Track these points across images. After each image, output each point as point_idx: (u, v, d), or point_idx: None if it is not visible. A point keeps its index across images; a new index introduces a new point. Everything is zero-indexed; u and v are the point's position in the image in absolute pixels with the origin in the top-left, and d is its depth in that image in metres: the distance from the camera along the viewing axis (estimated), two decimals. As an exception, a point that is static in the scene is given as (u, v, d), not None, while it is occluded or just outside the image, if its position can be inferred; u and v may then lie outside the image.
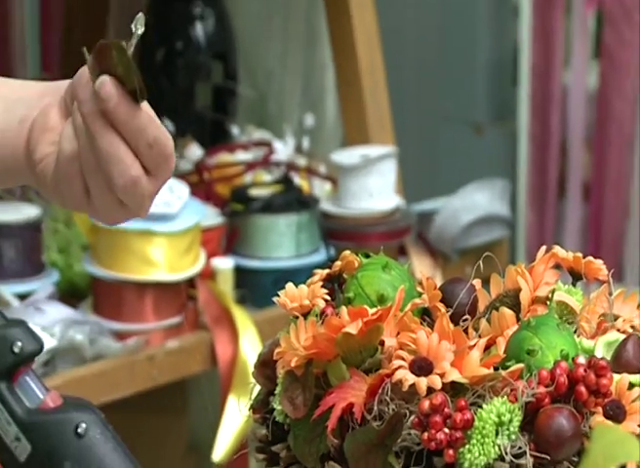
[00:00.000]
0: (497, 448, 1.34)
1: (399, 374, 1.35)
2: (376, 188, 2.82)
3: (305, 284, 1.48)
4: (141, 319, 2.63)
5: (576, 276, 1.53)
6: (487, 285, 1.52)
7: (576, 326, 1.46)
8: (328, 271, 1.51)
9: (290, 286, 1.48)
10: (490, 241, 3.03)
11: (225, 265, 2.70)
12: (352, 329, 1.37)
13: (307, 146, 3.03)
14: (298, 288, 1.47)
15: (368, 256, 1.50)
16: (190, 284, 2.67)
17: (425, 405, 1.33)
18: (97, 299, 2.66)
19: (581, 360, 1.36)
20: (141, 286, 2.63)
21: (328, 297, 1.46)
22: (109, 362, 2.55)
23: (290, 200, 2.79)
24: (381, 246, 1.55)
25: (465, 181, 3.11)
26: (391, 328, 1.40)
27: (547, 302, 1.48)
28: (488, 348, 1.41)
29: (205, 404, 2.87)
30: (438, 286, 1.48)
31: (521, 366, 1.38)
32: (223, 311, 2.65)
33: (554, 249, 1.51)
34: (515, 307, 1.47)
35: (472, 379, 1.36)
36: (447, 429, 1.33)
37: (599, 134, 3.60)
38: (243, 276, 2.73)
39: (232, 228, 2.77)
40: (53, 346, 2.45)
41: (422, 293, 1.47)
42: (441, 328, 1.38)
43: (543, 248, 1.51)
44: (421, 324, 1.42)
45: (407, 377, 1.35)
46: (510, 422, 1.34)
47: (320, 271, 1.50)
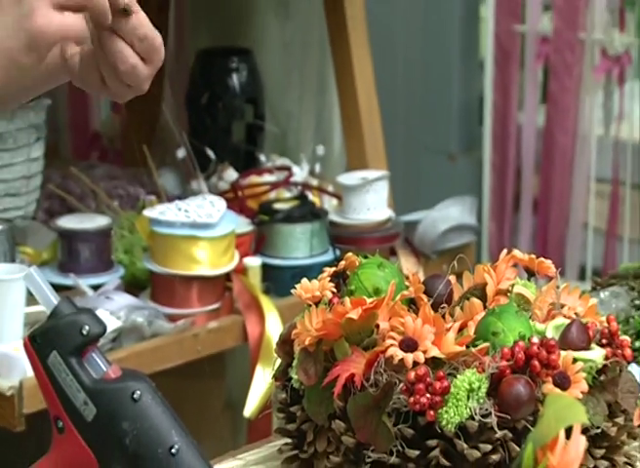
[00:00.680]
0: (468, 410, 1.33)
1: (391, 351, 1.35)
2: (372, 203, 2.81)
3: (317, 279, 1.47)
4: (189, 305, 2.61)
5: (530, 273, 1.53)
6: (460, 280, 1.51)
7: (530, 312, 1.45)
8: (334, 269, 1.50)
9: (304, 280, 1.46)
10: (461, 245, 3.02)
11: (254, 263, 2.68)
12: (354, 314, 1.37)
13: (319, 170, 3.01)
14: (310, 282, 1.46)
15: (366, 257, 1.49)
16: (227, 277, 2.65)
17: (411, 375, 1.33)
18: (154, 290, 2.64)
19: (535, 340, 1.36)
20: (189, 279, 2.60)
21: (334, 290, 1.45)
22: (163, 339, 2.53)
23: (305, 212, 2.78)
24: (377, 248, 1.53)
25: (442, 198, 3.09)
26: (384, 314, 1.39)
27: (508, 294, 1.47)
28: (461, 330, 1.40)
29: (238, 372, 2.84)
30: (421, 280, 1.47)
31: (487, 344, 1.38)
32: (253, 299, 2.63)
33: (513, 251, 1.51)
34: (482, 298, 1.46)
35: (449, 355, 1.36)
36: (428, 394, 1.33)
37: (545, 161, 3.57)
38: (268, 272, 2.70)
39: (260, 234, 2.75)
40: (119, 326, 2.44)
41: (409, 287, 1.46)
42: (424, 314, 1.38)
43: (505, 251, 1.52)
44: (409, 311, 1.41)
45: (397, 353, 1.35)
46: (479, 389, 1.34)
47: (328, 269, 1.50)
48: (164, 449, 1.11)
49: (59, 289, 2.47)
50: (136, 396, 1.12)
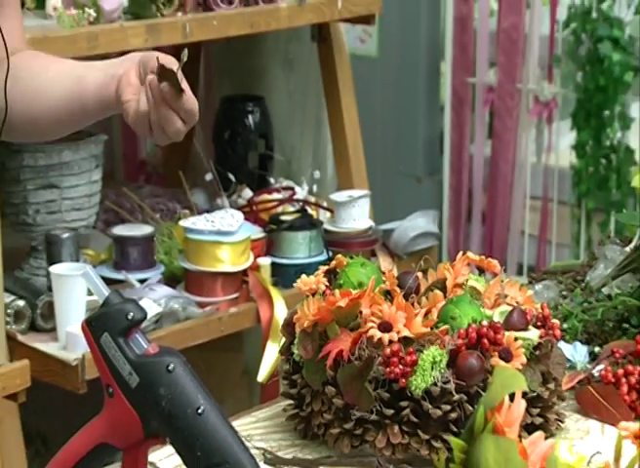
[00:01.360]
0: (432, 378, 1.33)
1: (371, 332, 1.35)
2: (357, 215, 2.80)
3: (313, 275, 1.46)
4: (214, 295, 2.58)
5: (480, 270, 1.52)
6: (425, 275, 1.49)
7: (481, 301, 1.45)
8: (327, 267, 1.48)
9: (304, 276, 1.45)
10: (426, 248, 3.01)
11: (265, 262, 2.66)
12: (342, 303, 1.36)
13: (315, 190, 3.01)
14: (308, 277, 1.45)
15: (352, 258, 1.48)
16: (244, 273, 2.63)
17: (387, 351, 1.33)
18: (187, 283, 2.62)
19: (485, 323, 1.36)
20: (214, 274, 2.58)
21: (327, 283, 1.44)
22: (194, 321, 2.51)
23: (305, 222, 2.76)
24: (360, 251, 1.51)
25: (411, 211, 3.08)
26: (366, 302, 1.38)
27: (463, 287, 1.46)
28: (426, 315, 1.40)
29: (253, 347, 2.83)
30: (395, 276, 1.46)
31: (447, 326, 1.38)
32: (264, 290, 2.61)
33: (467, 253, 1.49)
34: (443, 290, 1.45)
35: (417, 335, 1.35)
36: (401, 366, 1.33)
37: (491, 183, 3.57)
38: (276, 269, 2.68)
39: (269, 240, 2.74)
40: (159, 312, 2.43)
41: (385, 281, 1.44)
42: (397, 302, 1.37)
43: (460, 253, 1.52)
44: (385, 300, 1.39)
45: (376, 333, 1.34)
46: (440, 362, 1.34)
47: (322, 267, 1.48)
48: (192, 410, 1.10)
49: (113, 282, 2.50)
50: (170, 368, 1.11)
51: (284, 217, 2.78)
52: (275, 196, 2.91)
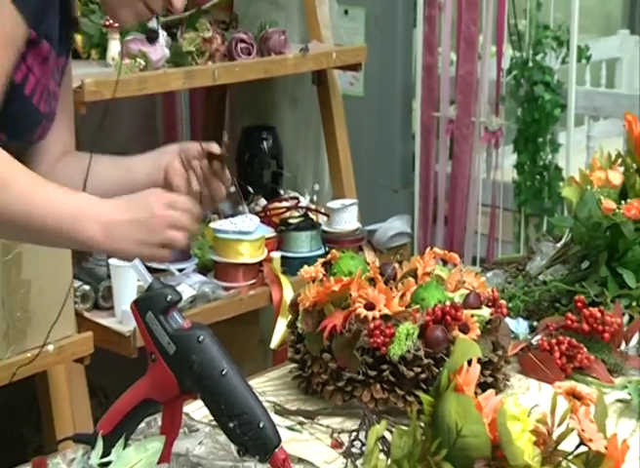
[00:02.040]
0: (406, 347, 1.32)
1: (358, 310, 1.34)
2: (347, 219, 2.79)
3: (313, 265, 1.44)
4: (236, 281, 2.55)
5: (444, 262, 1.51)
6: (401, 266, 1.47)
7: (444, 286, 1.43)
8: (324, 259, 1.46)
9: (306, 266, 1.44)
10: (401, 244, 3.00)
11: (276, 255, 2.64)
12: (336, 288, 1.35)
13: (315, 199, 2.98)
14: (309, 267, 1.44)
15: (343, 252, 1.46)
16: (260, 264, 2.60)
17: (371, 325, 1.32)
18: (215, 272, 2.58)
19: (448, 303, 1.36)
20: (237, 265, 2.54)
21: (324, 272, 1.42)
22: (221, 301, 2.48)
23: (307, 224, 2.74)
24: (350, 247, 1.49)
25: (389, 216, 3.07)
26: (355, 287, 1.37)
27: (430, 275, 1.45)
28: (402, 297, 1.38)
29: (267, 321, 2.80)
30: (377, 267, 1.44)
31: (418, 306, 1.38)
32: (275, 277, 2.59)
33: (433, 249, 1.48)
34: (415, 277, 1.44)
35: (394, 313, 1.35)
36: (382, 337, 1.31)
37: (452, 194, 3.54)
38: (285, 261, 2.65)
39: (279, 238, 2.72)
40: (193, 294, 2.40)
41: (370, 270, 1.43)
42: (379, 287, 1.36)
43: (428, 248, 1.48)
44: (370, 285, 1.38)
45: (362, 311, 1.33)
46: (413, 334, 1.32)
47: (320, 259, 1.47)
48: (217, 372, 1.08)
49: (158, 271, 2.46)
50: (200, 339, 1.09)
51: (291, 221, 2.76)
52: (284, 204, 2.89)
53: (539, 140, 3.31)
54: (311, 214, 2.85)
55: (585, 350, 1.46)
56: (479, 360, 1.05)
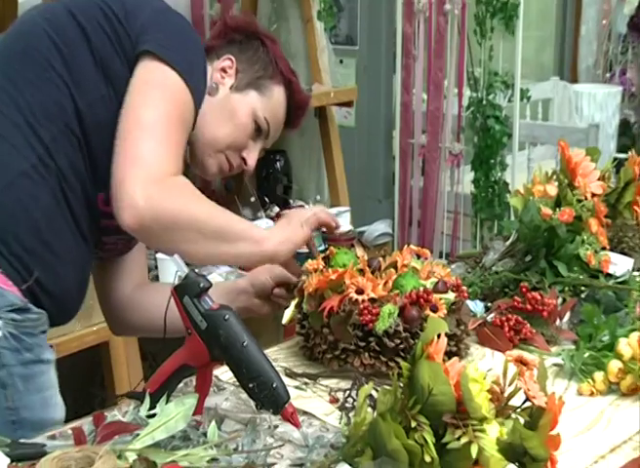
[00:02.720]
0: (388, 323, 1.29)
1: (351, 294, 1.31)
2: (342, 222, 2.72)
3: (316, 259, 1.41)
4: (256, 270, 2.52)
5: (418, 256, 1.46)
6: (384, 259, 1.43)
7: (419, 275, 1.38)
8: (324, 254, 1.43)
9: (310, 260, 1.41)
10: (384, 242, 2.99)
11: (287, 251, 2.61)
12: (333, 277, 1.32)
13: (317, 207, 2.96)
14: (313, 260, 1.40)
15: (339, 249, 1.43)
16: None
17: (361, 306, 1.29)
18: (240, 264, 2.56)
19: (421, 289, 1.31)
20: (257, 258, 2.52)
21: (324, 264, 1.39)
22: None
23: (311, 227, 2.71)
24: (344, 245, 1.46)
25: (375, 220, 3.06)
26: (348, 276, 1.33)
27: (407, 266, 1.41)
28: (385, 284, 1.34)
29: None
30: (366, 260, 1.40)
31: (398, 291, 1.34)
32: (286, 268, 2.55)
33: (410, 246, 1.45)
34: (395, 268, 1.40)
35: (379, 296, 1.31)
36: (369, 315, 1.28)
37: (424, 203, 3.52)
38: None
39: (290, 237, 2.68)
40: (220, 280, 2.36)
41: (360, 263, 1.39)
42: (367, 276, 1.33)
43: (406, 246, 1.44)
44: (360, 275, 1.35)
45: (354, 295, 1.30)
46: (394, 313, 1.29)
47: (321, 254, 1.43)
48: (240, 343, 1.05)
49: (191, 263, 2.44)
50: (226, 317, 1.06)
51: (298, 224, 2.75)
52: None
53: (490, 161, 3.31)
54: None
55: (528, 325, 1.43)
56: (446, 334, 1.03)
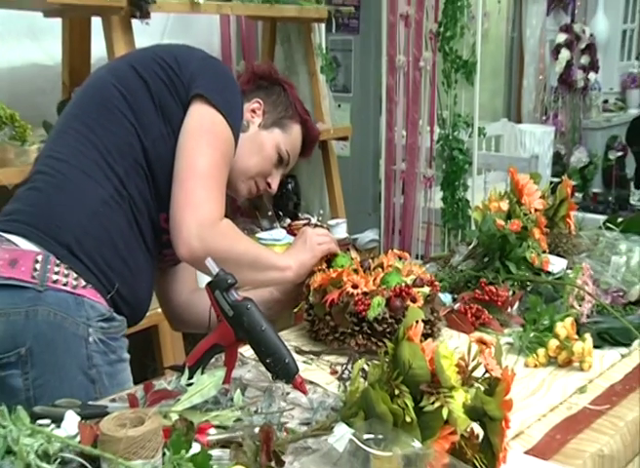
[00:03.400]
0: (378, 312, 1.25)
1: (348, 289, 1.27)
2: (340, 231, 2.76)
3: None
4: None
5: (400, 258, 1.43)
6: (373, 260, 1.41)
7: (401, 273, 1.36)
8: (326, 257, 1.40)
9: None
10: (373, 247, 2.97)
11: (297, 254, 2.59)
12: (334, 275, 1.29)
13: (320, 219, 2.95)
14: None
15: (338, 253, 1.40)
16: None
17: (356, 298, 1.26)
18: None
19: (403, 284, 1.28)
20: (273, 259, 2.50)
21: (326, 265, 1.37)
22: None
23: (315, 235, 2.70)
24: (342, 249, 1.44)
25: (365, 229, 3.04)
26: (345, 274, 1.30)
27: (392, 266, 1.38)
28: (374, 280, 1.32)
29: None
30: (359, 261, 1.38)
31: (385, 286, 1.30)
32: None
33: (393, 250, 1.42)
34: (382, 268, 1.37)
35: (370, 291, 1.28)
36: (363, 305, 1.24)
37: (403, 216, 3.49)
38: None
39: (299, 243, 2.66)
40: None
41: (354, 264, 1.37)
42: (360, 274, 1.30)
43: (390, 250, 1.42)
44: (355, 273, 1.32)
45: (350, 290, 1.27)
46: (382, 304, 1.26)
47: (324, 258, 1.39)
48: (259, 327, 1.03)
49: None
50: (248, 307, 1.04)
51: (305, 232, 2.73)
52: (301, 222, 2.86)
53: (455, 183, 3.30)
54: (318, 229, 2.82)
55: (486, 312, 1.42)
56: (422, 320, 1.01)
